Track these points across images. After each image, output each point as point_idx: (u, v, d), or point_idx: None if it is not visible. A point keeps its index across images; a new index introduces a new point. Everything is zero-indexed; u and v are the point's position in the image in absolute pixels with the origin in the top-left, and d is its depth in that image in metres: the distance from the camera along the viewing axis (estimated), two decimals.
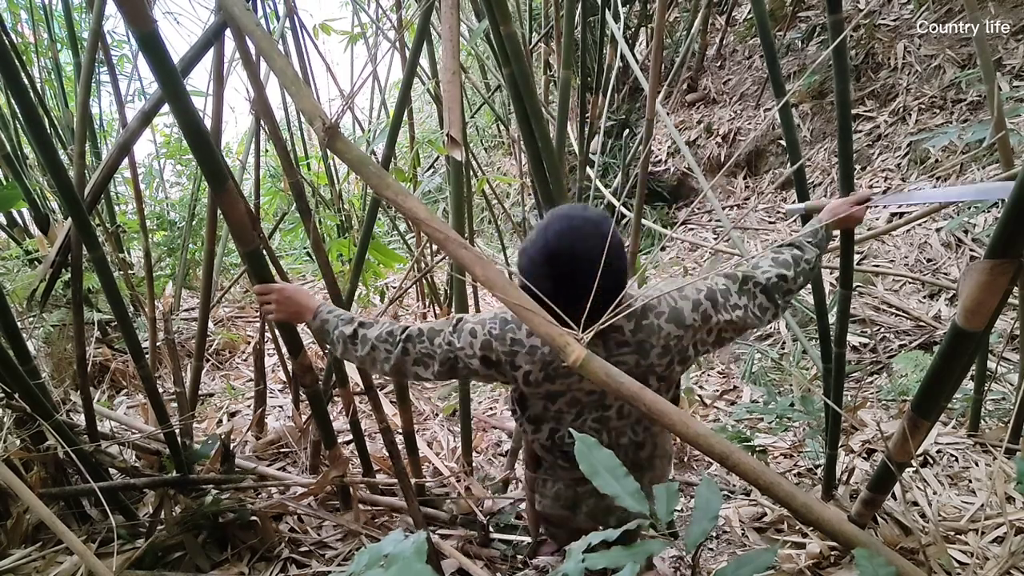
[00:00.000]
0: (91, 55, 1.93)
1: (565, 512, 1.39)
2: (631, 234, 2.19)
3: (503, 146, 6.81)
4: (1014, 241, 0.89)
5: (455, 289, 2.28)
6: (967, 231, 3.26)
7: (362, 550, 0.86)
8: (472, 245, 1.13)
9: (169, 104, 1.16)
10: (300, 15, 2.84)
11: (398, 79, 3.92)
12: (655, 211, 5.30)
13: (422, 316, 4.15)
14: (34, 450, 1.65)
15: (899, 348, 2.91)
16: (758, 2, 1.69)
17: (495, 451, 2.68)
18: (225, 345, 3.58)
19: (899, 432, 1.22)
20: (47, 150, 1.43)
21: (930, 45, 4.12)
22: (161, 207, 4.74)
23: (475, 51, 4.72)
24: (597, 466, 1.04)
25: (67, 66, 3.56)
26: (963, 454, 2.10)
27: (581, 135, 3.23)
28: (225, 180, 1.25)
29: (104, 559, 1.39)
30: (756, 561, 0.86)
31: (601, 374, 0.95)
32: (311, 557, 1.81)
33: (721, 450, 0.94)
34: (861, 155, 4.22)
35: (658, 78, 1.84)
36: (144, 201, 2.97)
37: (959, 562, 1.61)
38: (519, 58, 1.58)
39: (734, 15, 5.43)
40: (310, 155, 3.91)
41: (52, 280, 2.13)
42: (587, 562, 0.82)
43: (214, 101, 2.01)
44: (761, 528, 2.00)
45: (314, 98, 1.17)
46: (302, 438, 2.36)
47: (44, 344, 2.65)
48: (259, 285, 1.36)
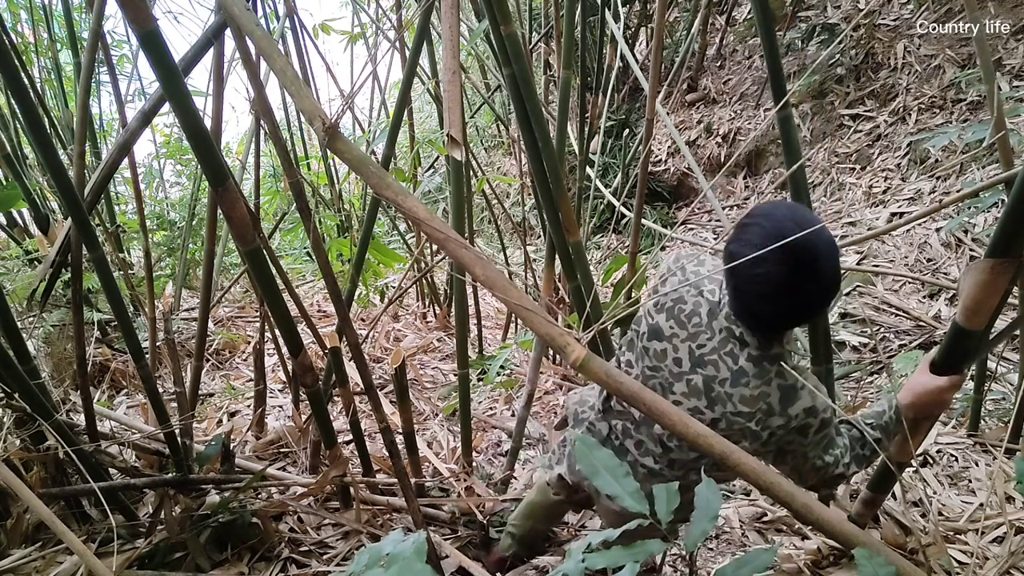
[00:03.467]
0: (91, 55, 1.93)
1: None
2: (631, 234, 2.19)
3: (503, 146, 6.80)
4: (1015, 240, 0.89)
5: (455, 289, 2.28)
6: (967, 231, 3.26)
7: (362, 550, 0.86)
8: (472, 245, 1.13)
9: (169, 102, 1.16)
10: (300, 15, 2.85)
11: (398, 79, 3.91)
12: (655, 211, 5.30)
13: (422, 316, 4.15)
14: (34, 450, 1.64)
15: (899, 348, 2.91)
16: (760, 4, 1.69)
17: (495, 451, 2.68)
18: (225, 345, 3.57)
19: (900, 433, 1.22)
20: (47, 150, 1.43)
21: (930, 45, 4.12)
22: (161, 207, 4.74)
23: (475, 51, 4.72)
24: (597, 466, 1.04)
25: (67, 66, 3.56)
26: (963, 454, 2.10)
27: (581, 135, 3.23)
28: (226, 179, 1.25)
29: (104, 559, 1.39)
30: (756, 561, 0.86)
31: (601, 374, 0.95)
32: (311, 557, 1.81)
33: (721, 450, 0.94)
34: (861, 155, 4.22)
35: (658, 78, 1.84)
36: (144, 201, 2.97)
37: (959, 562, 1.61)
38: (519, 58, 1.58)
39: (734, 15, 5.43)
40: (310, 155, 3.90)
41: (52, 280, 2.13)
42: (587, 562, 0.82)
43: (214, 101, 2.01)
44: (761, 528, 2.00)
45: (314, 98, 1.17)
46: (302, 438, 2.36)
47: (44, 344, 2.65)
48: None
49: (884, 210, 3.72)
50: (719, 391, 1.12)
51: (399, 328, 3.93)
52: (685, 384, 1.16)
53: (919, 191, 3.69)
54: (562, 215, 1.74)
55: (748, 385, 1.09)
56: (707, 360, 1.13)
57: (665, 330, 1.19)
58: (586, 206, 3.54)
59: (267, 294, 1.45)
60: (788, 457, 1.15)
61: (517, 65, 1.59)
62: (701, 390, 1.14)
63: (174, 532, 1.66)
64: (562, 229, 1.76)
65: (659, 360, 1.20)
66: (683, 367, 1.16)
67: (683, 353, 1.16)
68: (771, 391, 1.08)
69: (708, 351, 1.13)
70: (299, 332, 1.59)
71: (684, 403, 1.17)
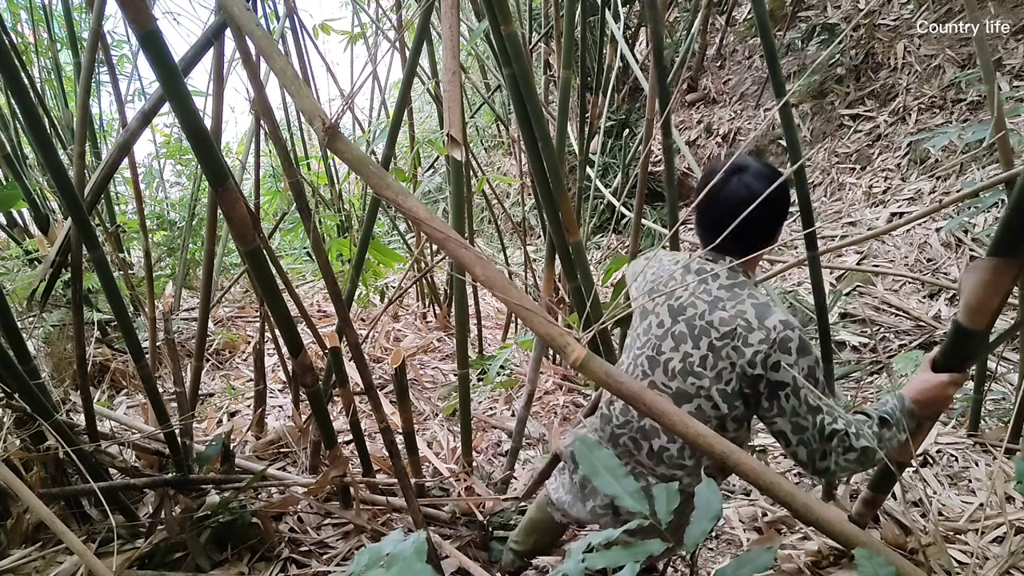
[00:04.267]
0: (91, 55, 1.93)
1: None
2: (631, 234, 2.19)
3: (503, 146, 6.81)
4: (1017, 240, 0.89)
5: (455, 289, 2.28)
6: (967, 231, 3.27)
7: (362, 550, 0.86)
8: (472, 245, 1.14)
9: (169, 102, 1.16)
10: (300, 15, 2.85)
11: (398, 79, 3.91)
12: (655, 211, 5.30)
13: (422, 316, 4.15)
14: (34, 450, 1.64)
15: (899, 348, 2.91)
16: (759, 2, 1.69)
17: (495, 451, 2.68)
18: (225, 345, 3.57)
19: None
20: (47, 150, 1.43)
21: (930, 45, 4.12)
22: (161, 207, 4.74)
23: (475, 51, 4.72)
24: (597, 466, 1.04)
25: (67, 66, 3.56)
26: (963, 454, 2.10)
27: (581, 135, 3.23)
28: (226, 179, 1.25)
29: (104, 559, 1.39)
30: (756, 561, 0.86)
31: (601, 373, 0.95)
32: (311, 557, 1.81)
33: (721, 450, 0.94)
34: (861, 155, 4.22)
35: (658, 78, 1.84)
36: (144, 201, 2.97)
37: (959, 562, 1.61)
38: (520, 58, 1.58)
39: (734, 15, 5.43)
40: (310, 155, 3.91)
41: (52, 280, 2.13)
42: (587, 562, 0.82)
43: (214, 100, 2.01)
44: (761, 528, 2.00)
45: (314, 98, 1.17)
46: (302, 438, 2.36)
47: (44, 344, 2.65)
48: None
49: (884, 210, 3.72)
50: (700, 324, 1.21)
51: (399, 328, 3.93)
52: (671, 338, 1.26)
53: (919, 191, 3.69)
54: (562, 215, 1.74)
55: (724, 308, 1.20)
56: (685, 305, 1.25)
57: (648, 306, 1.32)
58: (586, 206, 3.54)
59: (267, 294, 1.45)
60: (781, 396, 1.14)
61: (517, 65, 1.58)
62: (685, 333, 1.23)
63: (174, 532, 1.66)
64: (562, 229, 1.76)
65: (646, 334, 1.31)
66: (665, 325, 1.27)
67: (664, 314, 1.28)
68: (746, 308, 1.18)
69: (685, 298, 1.26)
70: (299, 332, 1.59)
71: (674, 357, 1.24)
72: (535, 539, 1.71)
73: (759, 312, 1.16)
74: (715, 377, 1.19)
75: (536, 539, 1.71)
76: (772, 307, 1.17)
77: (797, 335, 1.14)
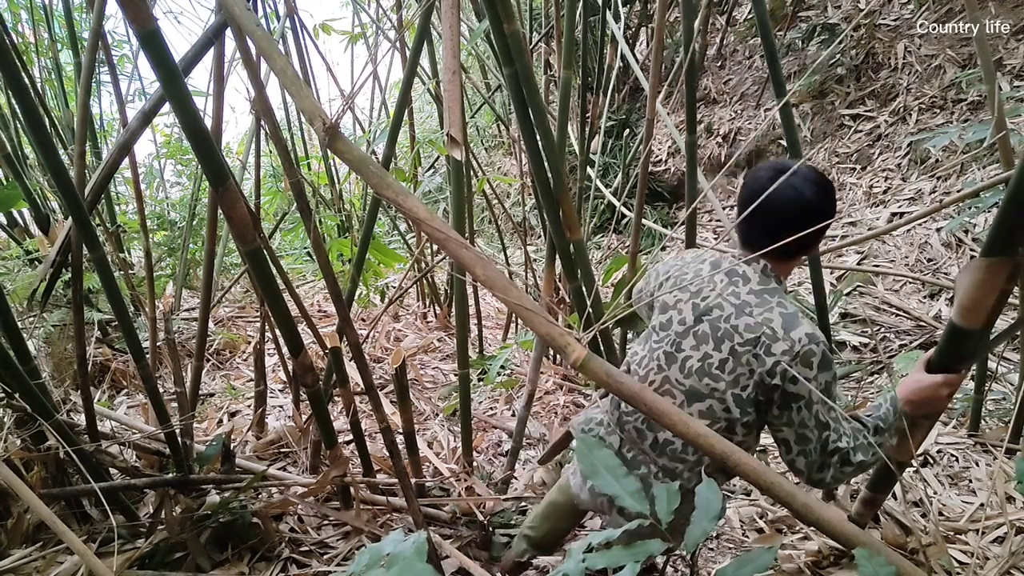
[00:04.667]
0: (91, 55, 1.93)
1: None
2: (631, 234, 2.19)
3: (503, 146, 6.81)
4: (1010, 239, 0.89)
5: (455, 289, 2.28)
6: (967, 231, 3.26)
7: (362, 550, 0.86)
8: (472, 245, 1.14)
9: (170, 102, 1.16)
10: (300, 15, 2.85)
11: (398, 79, 3.92)
12: (655, 211, 5.30)
13: (422, 316, 4.15)
14: (34, 450, 1.65)
15: (899, 348, 2.91)
16: (759, 2, 1.69)
17: (495, 451, 2.67)
18: (225, 345, 3.57)
19: (899, 432, 1.22)
20: (47, 150, 1.43)
21: (930, 45, 4.12)
22: (161, 207, 4.74)
23: (475, 51, 4.72)
24: (597, 465, 1.04)
25: (67, 66, 3.56)
26: (963, 454, 2.10)
27: (581, 135, 3.23)
28: (226, 179, 1.25)
29: (104, 559, 1.39)
30: (756, 561, 0.86)
31: (601, 373, 0.95)
32: (311, 557, 1.81)
33: (722, 449, 0.94)
34: (861, 155, 4.22)
35: (658, 78, 1.84)
36: (144, 201, 2.97)
37: (959, 562, 1.61)
38: (521, 56, 1.58)
39: (734, 15, 5.43)
40: (310, 155, 3.91)
41: (52, 280, 2.12)
42: (587, 562, 0.82)
43: (214, 100, 2.01)
44: (763, 528, 2.00)
45: (314, 98, 1.17)
46: (302, 438, 2.36)
47: (44, 344, 2.65)
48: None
49: (884, 210, 3.72)
50: (725, 328, 1.19)
51: (399, 328, 3.93)
52: (692, 337, 1.23)
53: (919, 191, 3.69)
54: (563, 213, 1.74)
55: (751, 314, 1.17)
56: (712, 306, 1.22)
57: (670, 301, 1.29)
58: (586, 206, 3.54)
59: (267, 294, 1.45)
60: (794, 408, 1.15)
61: (519, 63, 1.58)
62: (708, 334, 1.21)
63: (174, 532, 1.67)
64: (563, 228, 1.76)
65: (665, 329, 1.28)
66: (688, 323, 1.24)
67: (687, 312, 1.25)
68: (773, 317, 1.16)
69: (712, 299, 1.22)
70: (299, 332, 1.59)
71: (693, 356, 1.22)
72: (550, 525, 1.68)
73: (786, 322, 1.15)
74: (732, 381, 1.19)
75: (551, 526, 1.68)
76: (800, 318, 1.16)
77: (821, 350, 1.13)
